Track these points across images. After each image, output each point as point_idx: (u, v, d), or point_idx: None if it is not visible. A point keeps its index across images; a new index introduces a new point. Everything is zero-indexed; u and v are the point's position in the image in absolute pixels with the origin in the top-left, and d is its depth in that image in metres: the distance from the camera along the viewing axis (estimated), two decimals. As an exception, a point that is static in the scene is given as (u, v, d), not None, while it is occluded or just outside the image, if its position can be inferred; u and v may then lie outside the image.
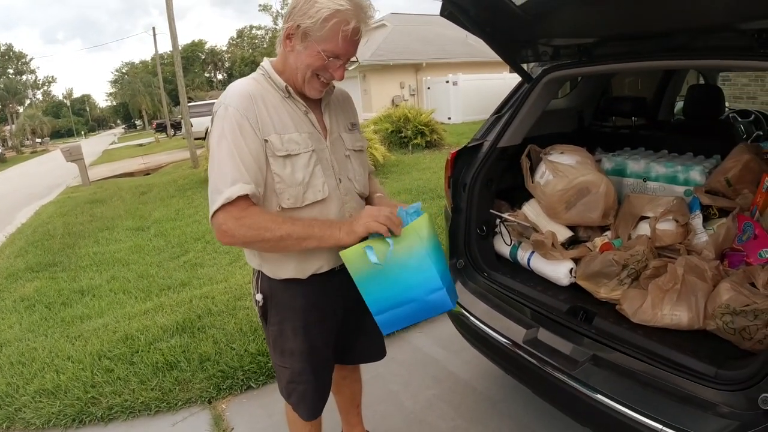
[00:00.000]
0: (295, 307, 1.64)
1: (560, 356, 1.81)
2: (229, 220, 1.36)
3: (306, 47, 1.41)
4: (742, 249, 1.93)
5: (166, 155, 20.23)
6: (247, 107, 1.41)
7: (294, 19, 1.39)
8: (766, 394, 1.35)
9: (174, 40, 13.84)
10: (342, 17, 1.35)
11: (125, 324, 3.75)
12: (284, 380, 1.75)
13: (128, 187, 11.89)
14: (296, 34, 1.41)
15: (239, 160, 1.38)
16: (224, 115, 1.41)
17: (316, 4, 1.35)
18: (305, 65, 1.43)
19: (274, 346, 1.72)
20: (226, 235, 1.37)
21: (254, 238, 1.38)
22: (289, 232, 1.38)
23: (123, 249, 6.40)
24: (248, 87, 1.46)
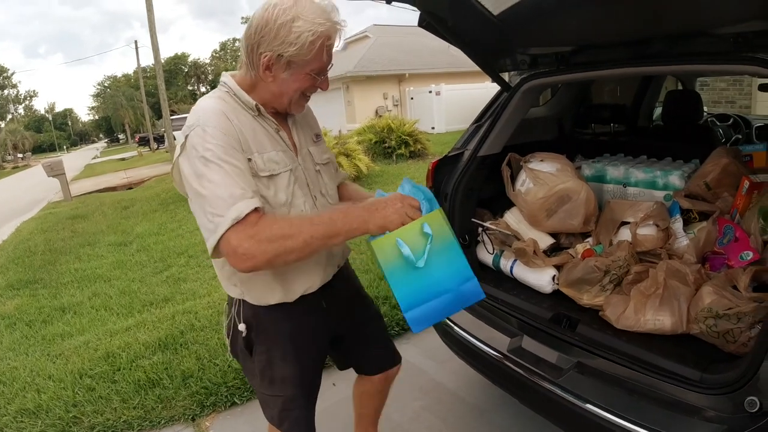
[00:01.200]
0: (282, 332, 1.56)
1: (545, 364, 1.80)
2: (244, 241, 1.20)
3: (292, 74, 1.36)
4: (723, 252, 1.93)
5: (149, 169, 20.06)
6: (225, 126, 1.30)
7: (272, 48, 1.30)
8: (752, 397, 1.35)
9: (156, 53, 13.80)
10: (323, 34, 1.31)
11: (107, 341, 3.69)
12: (276, 408, 1.65)
13: (110, 202, 11.77)
14: (278, 64, 1.33)
15: (236, 178, 1.25)
16: (203, 137, 1.26)
17: (295, 30, 1.28)
18: (294, 89, 1.39)
19: (261, 377, 1.61)
20: (246, 258, 1.21)
21: (277, 252, 1.22)
22: (312, 234, 1.24)
23: (105, 265, 6.32)
24: (218, 105, 1.35)
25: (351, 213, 1.30)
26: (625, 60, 2.04)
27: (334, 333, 1.73)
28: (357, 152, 9.25)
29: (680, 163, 2.45)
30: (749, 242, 1.86)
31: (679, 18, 1.80)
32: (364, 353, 1.88)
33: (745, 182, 2.05)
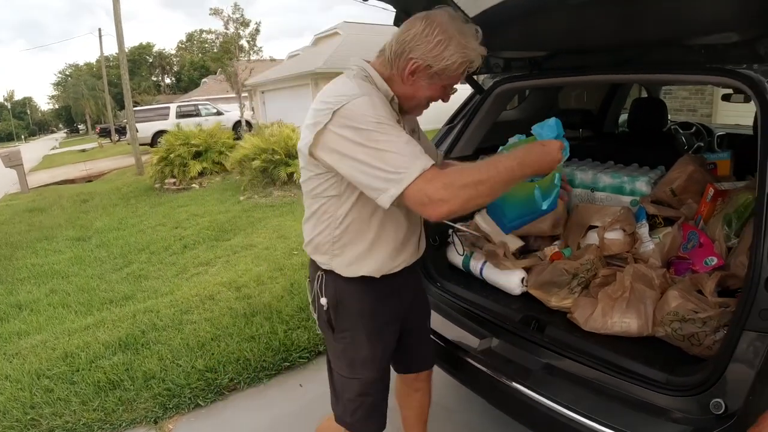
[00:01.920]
0: (365, 311, 1.59)
1: (514, 365, 1.82)
2: (440, 189, 1.24)
3: (431, 84, 1.45)
4: (687, 257, 1.98)
5: (110, 161, 19.57)
6: (384, 113, 1.34)
7: (424, 58, 1.39)
8: (717, 399, 1.38)
9: (120, 42, 13.46)
10: (469, 59, 1.41)
11: (65, 340, 3.57)
12: (352, 393, 1.65)
13: (69, 195, 11.44)
14: (423, 73, 1.42)
15: (409, 138, 1.31)
16: (372, 104, 1.33)
17: (449, 48, 1.38)
18: (426, 97, 1.49)
19: (342, 357, 1.64)
20: (442, 203, 1.24)
21: (470, 196, 1.26)
22: (497, 180, 1.29)
23: (63, 260, 6.14)
24: (370, 93, 1.39)
25: (527, 160, 1.35)
26: (598, 67, 2.07)
27: (405, 320, 1.76)
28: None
29: (647, 170, 2.50)
30: (713, 248, 1.91)
31: (651, 28, 1.83)
32: (419, 348, 1.91)
33: (710, 189, 2.10)
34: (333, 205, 1.48)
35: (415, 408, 2.10)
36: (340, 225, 1.50)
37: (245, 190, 8.77)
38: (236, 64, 18.48)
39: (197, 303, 3.95)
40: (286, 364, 3.10)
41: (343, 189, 1.44)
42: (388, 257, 1.56)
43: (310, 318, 3.44)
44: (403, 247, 1.60)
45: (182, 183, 10.47)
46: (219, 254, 5.55)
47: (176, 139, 10.85)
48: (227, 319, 3.57)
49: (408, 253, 1.63)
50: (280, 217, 6.91)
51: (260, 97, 25.74)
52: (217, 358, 3.08)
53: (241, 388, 2.94)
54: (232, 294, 4.07)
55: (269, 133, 9.21)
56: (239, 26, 18.23)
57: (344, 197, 1.45)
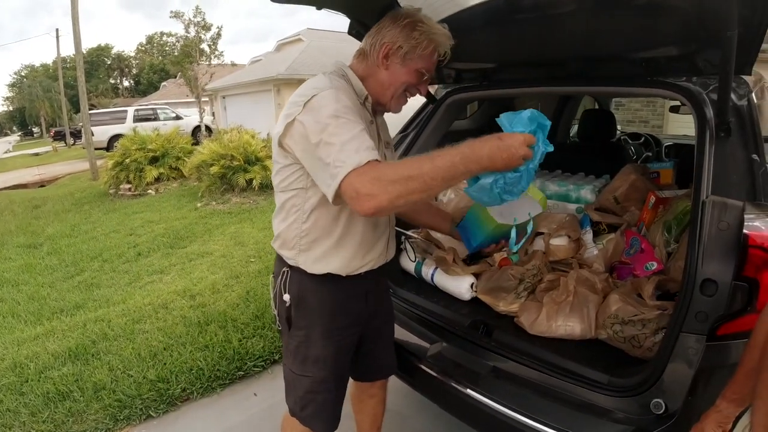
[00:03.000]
0: (325, 310, 1.61)
1: (463, 370, 1.84)
2: (368, 183, 1.21)
3: (404, 65, 1.52)
4: (629, 262, 2.05)
5: (64, 165, 18.99)
6: (349, 104, 1.37)
7: (393, 40, 1.49)
8: (657, 399, 1.43)
9: (77, 42, 13.09)
10: (438, 41, 1.51)
11: (14, 351, 3.46)
12: (301, 390, 1.67)
13: (20, 200, 11.06)
14: (395, 55, 1.51)
15: (364, 135, 1.31)
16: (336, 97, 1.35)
17: (417, 29, 1.48)
18: (401, 82, 1.54)
19: (295, 354, 1.66)
20: (369, 198, 1.21)
21: (400, 192, 1.21)
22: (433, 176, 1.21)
23: (12, 268, 5.94)
24: (339, 87, 1.43)
25: (474, 155, 1.23)
26: (544, 79, 2.13)
27: (367, 325, 1.76)
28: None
29: (592, 178, 2.58)
30: (654, 253, 1.98)
31: (596, 42, 1.90)
32: (379, 355, 1.91)
33: (651, 197, 2.18)
34: (300, 198, 1.50)
35: (369, 414, 2.11)
36: (307, 219, 1.51)
37: (203, 197, 8.64)
38: (196, 68, 18.19)
39: (150, 312, 3.87)
40: (241, 373, 3.07)
41: (310, 182, 1.45)
42: (355, 256, 1.58)
43: (265, 326, 3.43)
44: (371, 247, 1.62)
45: (138, 189, 10.23)
46: (174, 262, 5.44)
47: (132, 144, 10.62)
48: (180, 328, 3.50)
49: (376, 253, 1.64)
50: (238, 224, 6.83)
51: (221, 102, 25.39)
52: (170, 368, 3.03)
53: (194, 398, 2.89)
54: (187, 302, 4.00)
55: (228, 139, 9.10)
56: (200, 30, 17.96)
57: (311, 191, 1.47)
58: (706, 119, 1.60)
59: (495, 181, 1.29)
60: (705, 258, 1.39)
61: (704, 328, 1.38)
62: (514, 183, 1.30)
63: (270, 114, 20.75)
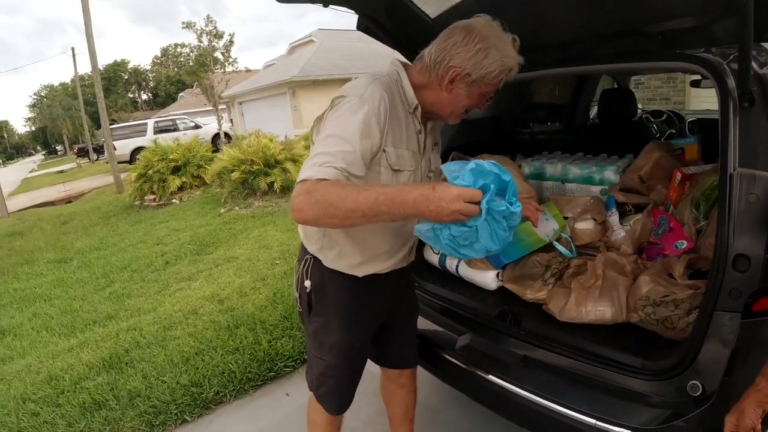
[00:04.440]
0: (342, 302, 1.64)
1: (493, 360, 1.83)
2: (301, 195, 1.24)
3: (469, 91, 1.47)
4: (658, 242, 2.00)
5: (89, 181, 19.38)
6: (381, 111, 1.40)
7: (462, 65, 1.42)
8: (693, 381, 1.40)
9: (93, 60, 13.33)
10: (509, 66, 1.44)
11: (49, 364, 3.54)
12: (316, 372, 1.75)
13: (49, 217, 11.31)
14: (462, 81, 1.45)
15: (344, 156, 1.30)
16: (356, 109, 1.37)
17: (489, 57, 1.41)
18: (463, 105, 1.51)
19: (313, 338, 1.73)
20: (296, 209, 1.24)
21: (320, 214, 1.22)
22: (354, 209, 1.20)
23: (44, 283, 6.08)
24: (386, 93, 1.45)
25: (402, 199, 1.20)
26: (559, 60, 2.08)
27: (387, 317, 1.81)
28: (305, 157, 9.13)
29: (615, 159, 2.52)
30: (683, 232, 1.93)
31: (609, 18, 1.85)
32: (400, 346, 1.95)
33: (677, 174, 2.12)
34: None
35: (400, 406, 2.12)
36: None
37: (225, 203, 8.72)
38: (212, 77, 18.37)
39: (180, 318, 3.92)
40: (272, 374, 3.09)
41: None
42: (375, 261, 1.61)
43: (294, 327, 3.45)
44: (393, 253, 1.65)
45: (162, 199, 10.38)
46: (201, 268, 5.51)
47: (154, 155, 10.76)
48: (211, 333, 3.54)
49: (397, 259, 1.67)
50: (261, 228, 6.88)
51: (238, 108, 25.64)
52: (202, 372, 3.06)
53: (228, 401, 2.93)
54: (215, 307, 4.04)
55: (247, 144, 9.16)
56: (213, 38, 18.13)
57: None
58: (728, 90, 1.55)
59: (434, 229, 1.24)
60: (736, 233, 1.36)
61: (739, 305, 1.35)
62: (466, 238, 1.22)
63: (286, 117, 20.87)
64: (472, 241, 1.23)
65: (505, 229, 1.24)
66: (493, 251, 1.28)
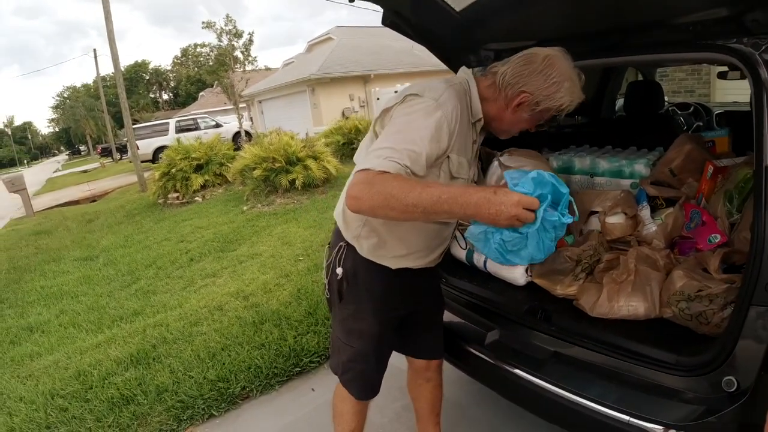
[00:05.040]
0: (375, 291, 1.67)
1: (522, 356, 1.81)
2: (362, 183, 1.26)
3: (532, 115, 1.54)
4: (691, 236, 1.97)
5: (113, 180, 19.67)
6: (453, 117, 1.43)
7: (535, 93, 1.47)
8: (728, 377, 1.37)
9: (116, 61, 13.53)
10: (575, 102, 1.51)
11: (77, 359, 3.60)
12: (344, 357, 1.78)
13: (74, 216, 11.51)
14: (529, 106, 1.50)
15: (408, 154, 1.31)
16: (431, 112, 1.39)
17: (561, 91, 1.47)
18: (521, 127, 1.59)
19: (342, 324, 1.75)
20: (353, 197, 1.26)
21: (379, 204, 1.24)
22: (416, 204, 1.21)
23: (71, 281, 6.18)
24: (459, 101, 1.49)
25: (463, 200, 1.23)
26: (586, 53, 2.05)
27: (414, 309, 1.83)
28: (325, 154, 9.19)
29: (645, 152, 2.48)
30: (716, 225, 1.90)
31: (638, 9, 1.83)
32: (426, 338, 1.98)
33: (709, 167, 2.09)
34: None
35: (427, 399, 2.12)
36: None
37: (248, 200, 8.78)
38: (232, 76, 18.51)
39: (206, 314, 3.96)
40: (297, 370, 3.11)
41: None
42: (410, 257, 1.65)
43: (319, 322, 3.46)
44: (427, 253, 1.69)
45: (185, 197, 10.49)
46: (225, 265, 5.56)
47: (177, 154, 10.88)
48: (236, 329, 3.57)
49: (431, 258, 1.71)
50: (284, 225, 6.91)
51: (258, 106, 25.80)
52: (229, 367, 3.09)
53: (254, 396, 2.95)
54: (240, 303, 4.08)
55: (268, 142, 9.22)
56: (232, 37, 18.26)
57: None
58: (761, 80, 1.52)
59: (486, 233, 1.31)
60: (771, 225, 1.32)
61: (775, 300, 1.30)
62: (516, 244, 1.29)
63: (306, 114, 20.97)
64: (520, 248, 1.29)
65: (552, 239, 1.29)
66: (537, 260, 1.33)
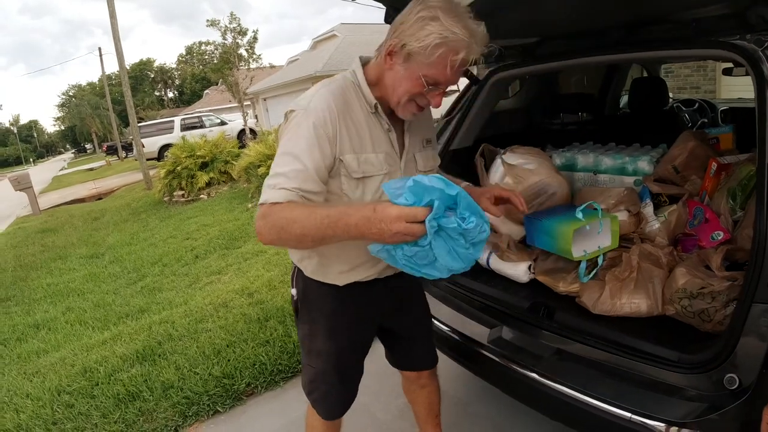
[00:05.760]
0: (326, 310, 1.60)
1: (525, 353, 1.81)
2: (260, 219, 1.24)
3: (407, 69, 1.30)
4: (694, 233, 1.97)
5: (118, 178, 19.75)
6: (326, 120, 1.31)
7: (400, 36, 1.28)
8: (730, 375, 1.36)
9: (120, 60, 13.56)
10: (453, 46, 1.24)
11: (83, 356, 3.62)
12: (308, 378, 1.73)
13: (80, 214, 11.57)
14: (399, 53, 1.30)
15: (294, 170, 1.27)
16: (299, 125, 1.31)
17: (427, 27, 1.23)
18: (403, 89, 1.33)
19: (302, 344, 1.72)
20: (258, 233, 1.26)
21: (276, 237, 1.23)
22: (305, 233, 1.18)
23: (77, 278, 6.22)
24: (334, 100, 1.35)
25: (341, 224, 1.15)
26: (588, 49, 2.06)
27: (382, 325, 1.77)
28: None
29: (648, 149, 2.48)
30: (719, 223, 1.90)
31: (641, 5, 1.82)
32: (410, 350, 1.91)
33: (713, 164, 2.08)
34: None
35: (423, 404, 2.09)
36: None
37: (253, 198, 8.80)
38: (236, 74, 18.53)
39: (211, 311, 3.98)
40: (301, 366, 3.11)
41: None
42: (356, 271, 1.54)
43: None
44: (372, 264, 1.54)
45: (190, 195, 10.54)
46: (230, 262, 5.58)
47: (182, 152, 10.93)
48: (241, 325, 3.59)
49: (379, 268, 1.56)
50: (288, 222, 6.93)
51: (262, 104, 25.82)
52: (234, 364, 3.11)
53: (259, 392, 2.97)
54: (245, 300, 4.10)
55: (272, 140, 9.24)
56: (237, 35, 18.26)
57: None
58: (764, 77, 1.52)
59: (387, 250, 1.18)
60: (774, 223, 1.32)
61: (777, 297, 1.30)
62: (423, 257, 1.15)
63: (310, 112, 20.89)
64: (431, 260, 1.16)
65: (466, 246, 1.14)
66: (458, 269, 1.18)
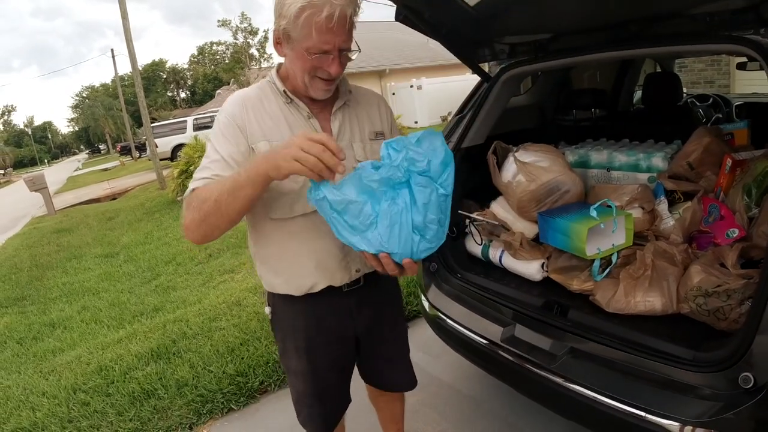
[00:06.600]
0: (295, 326, 1.56)
1: (538, 351, 1.80)
2: (184, 210, 1.30)
3: (293, 50, 1.30)
4: (709, 230, 1.94)
5: (132, 178, 19.92)
6: (235, 113, 1.39)
7: (276, 23, 1.29)
8: (745, 373, 1.35)
9: (133, 61, 13.66)
10: (311, 8, 1.21)
11: (99, 355, 3.66)
12: (293, 399, 1.70)
13: (95, 214, 11.69)
14: (283, 39, 1.32)
15: (213, 163, 1.35)
16: (218, 120, 1.42)
17: (286, 1, 1.23)
18: (299, 69, 1.33)
19: (281, 361, 1.71)
20: (185, 228, 1.29)
21: (200, 217, 1.24)
22: (220, 190, 1.21)
23: (92, 277, 6.28)
24: (245, 94, 1.45)
25: (251, 166, 1.21)
26: (601, 45, 2.04)
27: (355, 340, 1.68)
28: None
29: (662, 145, 2.45)
30: (735, 220, 1.87)
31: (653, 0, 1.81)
32: (379, 369, 1.84)
33: (728, 160, 2.06)
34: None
35: (386, 411, 2.08)
36: (251, 234, 1.52)
37: (265, 197, 8.83)
38: (248, 73, 18.61)
39: (225, 310, 4.01)
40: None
41: None
42: (298, 276, 1.48)
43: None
44: (324, 265, 1.48)
45: (203, 194, 10.59)
46: (243, 261, 5.61)
47: (195, 152, 10.95)
48: (254, 324, 3.61)
49: (329, 273, 1.49)
50: (300, 221, 6.95)
51: (274, 103, 25.86)
52: (247, 362, 3.13)
53: (272, 390, 2.99)
54: (258, 299, 4.11)
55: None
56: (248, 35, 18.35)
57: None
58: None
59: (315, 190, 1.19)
60: (791, 220, 1.31)
61: (793, 295, 1.29)
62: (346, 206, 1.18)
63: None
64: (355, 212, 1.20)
65: (348, 224, 1.21)
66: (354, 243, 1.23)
